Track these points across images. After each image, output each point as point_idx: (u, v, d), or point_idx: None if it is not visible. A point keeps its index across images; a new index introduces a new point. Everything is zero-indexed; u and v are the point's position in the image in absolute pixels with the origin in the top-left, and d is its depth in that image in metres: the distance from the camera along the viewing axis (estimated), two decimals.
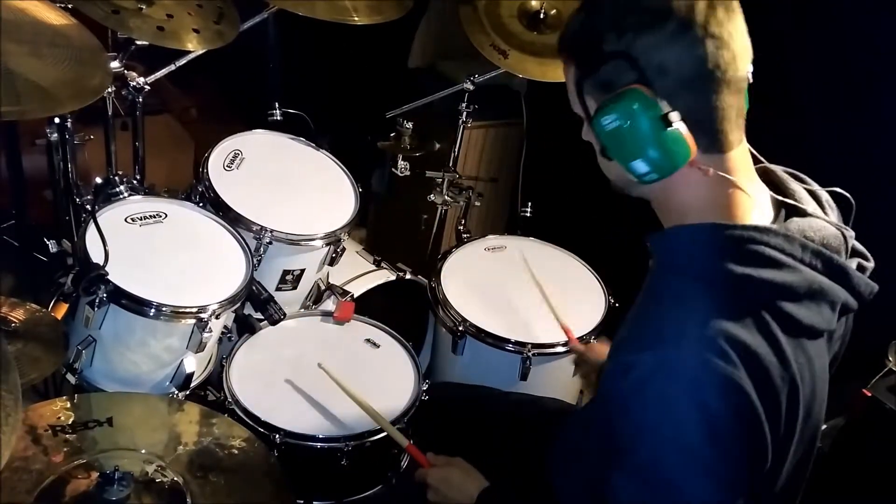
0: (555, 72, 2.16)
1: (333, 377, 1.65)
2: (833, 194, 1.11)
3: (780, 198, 1.06)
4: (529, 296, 2.03)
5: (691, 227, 1.01)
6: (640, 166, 0.98)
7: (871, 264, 1.07)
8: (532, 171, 2.65)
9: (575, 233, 2.28)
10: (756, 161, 1.07)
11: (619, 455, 0.96)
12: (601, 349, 1.73)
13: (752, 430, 0.94)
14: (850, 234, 1.06)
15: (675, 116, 0.95)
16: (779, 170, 1.11)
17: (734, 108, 0.99)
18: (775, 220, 1.04)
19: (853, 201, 1.08)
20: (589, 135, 1.06)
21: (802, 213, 1.05)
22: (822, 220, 1.05)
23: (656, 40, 0.94)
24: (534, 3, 2.24)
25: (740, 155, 1.02)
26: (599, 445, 1.06)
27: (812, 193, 1.09)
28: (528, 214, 2.40)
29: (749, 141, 1.05)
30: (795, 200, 1.06)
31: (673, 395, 0.91)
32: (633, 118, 0.95)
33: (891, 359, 1.80)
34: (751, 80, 1.01)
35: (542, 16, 2.21)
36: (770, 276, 0.95)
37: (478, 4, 2.19)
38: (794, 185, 1.09)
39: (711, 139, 0.98)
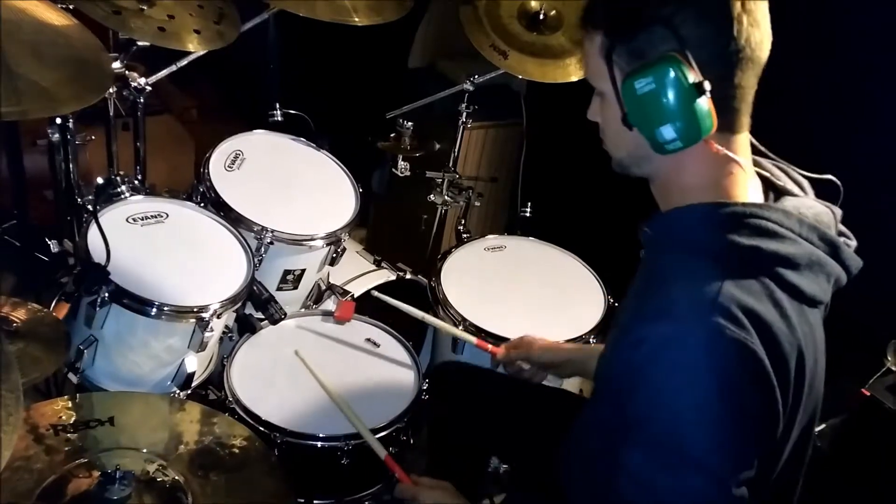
0: (554, 72, 2.17)
1: (311, 369, 1.67)
2: (814, 181, 1.14)
3: (773, 181, 1.10)
4: (529, 295, 2.03)
5: (693, 206, 1.03)
6: (668, 132, 0.98)
7: (854, 243, 1.10)
8: (532, 171, 2.66)
9: (575, 233, 2.29)
10: (753, 150, 1.10)
11: (632, 429, 0.97)
12: (531, 344, 1.64)
13: (766, 396, 0.96)
14: (839, 212, 1.10)
15: (706, 86, 0.96)
16: (763, 160, 1.14)
17: (751, 89, 1.02)
18: (766, 202, 1.07)
19: (840, 185, 1.11)
20: (602, 111, 1.08)
21: (790, 195, 1.09)
22: (811, 199, 1.09)
23: (696, 11, 0.96)
24: (534, 3, 2.24)
25: (745, 139, 1.06)
26: (607, 428, 1.06)
27: (794, 180, 1.13)
28: (528, 214, 2.40)
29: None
30: (781, 185, 1.10)
31: (689, 363, 0.93)
32: (668, 83, 0.96)
33: (889, 358, 1.80)
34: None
35: (541, 16, 2.21)
36: (775, 248, 0.98)
37: (478, 5, 2.20)
38: (778, 172, 1.13)
39: (728, 118, 1.01)
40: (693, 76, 0.96)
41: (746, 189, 1.05)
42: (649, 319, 0.98)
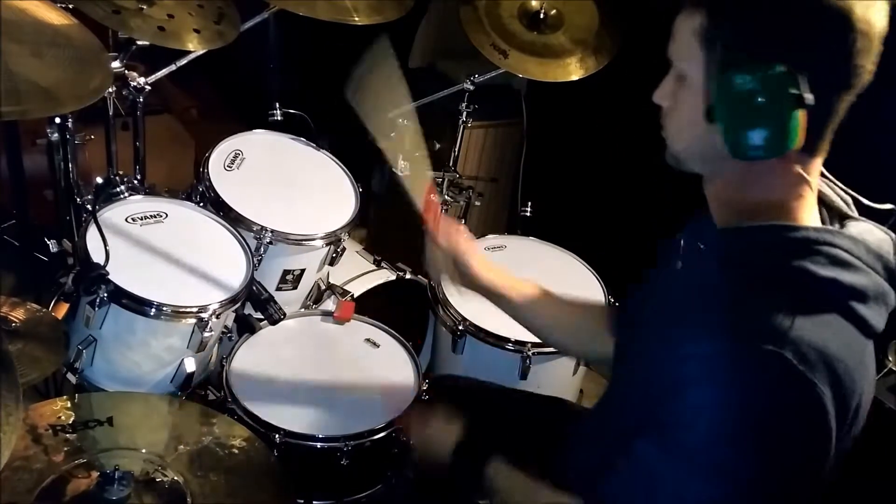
0: (555, 71, 2.17)
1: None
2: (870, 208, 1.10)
3: (825, 199, 1.06)
4: None
5: (761, 227, 0.99)
6: (755, 138, 0.92)
7: None
8: (532, 171, 2.66)
9: (575, 233, 2.29)
10: None
11: (660, 431, 0.95)
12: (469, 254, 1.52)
13: (821, 439, 0.92)
14: (894, 237, 1.05)
15: (809, 99, 0.90)
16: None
17: (841, 115, 0.96)
18: (828, 226, 1.03)
19: None
20: (677, 96, 1.01)
21: (846, 217, 1.05)
22: (870, 223, 1.05)
23: (814, 22, 0.91)
24: (534, 3, 2.24)
25: (819, 162, 1.01)
26: (626, 424, 1.04)
27: (843, 199, 1.08)
28: (528, 214, 2.40)
29: None
30: (832, 201, 1.06)
31: (746, 387, 0.90)
32: (773, 87, 0.90)
33: (891, 359, 1.80)
34: None
35: (542, 16, 2.22)
36: (851, 280, 0.94)
37: (478, 4, 2.20)
38: (827, 190, 1.08)
39: (813, 139, 0.94)
40: (799, 84, 0.90)
41: (812, 213, 1.00)
42: (703, 336, 0.93)
